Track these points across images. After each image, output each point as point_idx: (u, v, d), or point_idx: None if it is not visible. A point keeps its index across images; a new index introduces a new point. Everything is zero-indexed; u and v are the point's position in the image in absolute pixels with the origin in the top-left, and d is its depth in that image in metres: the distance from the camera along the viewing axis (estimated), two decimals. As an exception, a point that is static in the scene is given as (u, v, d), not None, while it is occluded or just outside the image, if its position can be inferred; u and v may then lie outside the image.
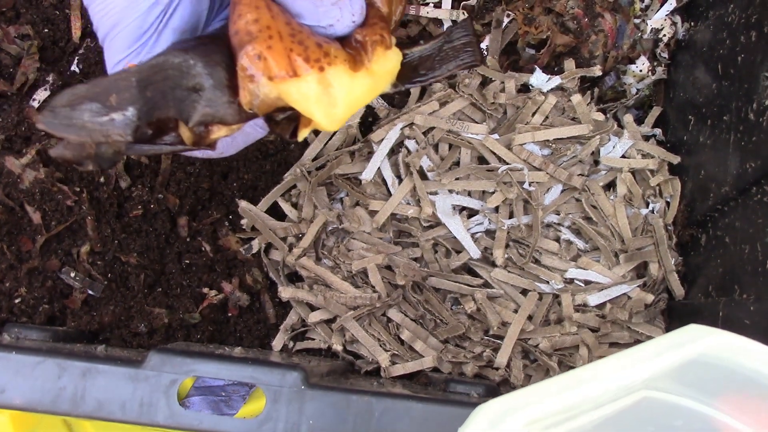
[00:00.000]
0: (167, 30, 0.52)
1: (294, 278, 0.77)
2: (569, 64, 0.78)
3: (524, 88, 0.80)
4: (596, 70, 0.78)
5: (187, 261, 0.75)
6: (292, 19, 0.50)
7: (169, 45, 0.52)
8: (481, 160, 0.77)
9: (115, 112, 0.46)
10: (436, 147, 0.77)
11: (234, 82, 0.49)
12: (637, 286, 0.73)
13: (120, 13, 0.52)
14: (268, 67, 0.48)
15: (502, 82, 0.79)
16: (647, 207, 0.76)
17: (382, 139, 0.76)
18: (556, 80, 0.78)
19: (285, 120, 0.52)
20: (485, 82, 0.80)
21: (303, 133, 0.53)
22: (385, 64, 0.52)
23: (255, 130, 0.58)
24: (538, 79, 0.78)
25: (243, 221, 0.76)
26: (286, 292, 0.74)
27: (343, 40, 0.51)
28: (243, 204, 0.76)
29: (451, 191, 0.75)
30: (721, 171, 0.67)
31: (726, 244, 0.66)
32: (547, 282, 0.74)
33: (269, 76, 0.48)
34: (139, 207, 0.74)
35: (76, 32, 0.76)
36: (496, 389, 0.65)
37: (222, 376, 0.54)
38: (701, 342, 0.42)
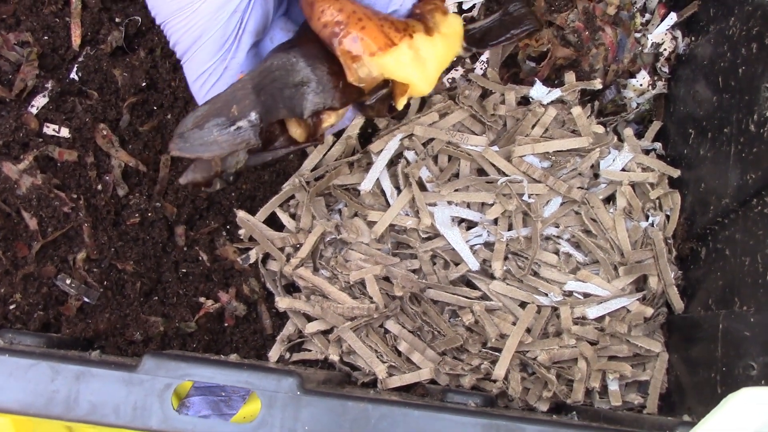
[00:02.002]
0: (245, 34, 0.56)
1: (291, 289, 0.77)
2: (569, 76, 0.78)
3: (524, 101, 0.79)
4: (596, 83, 0.78)
5: (184, 270, 0.75)
6: (366, 6, 0.55)
7: (248, 48, 0.56)
8: (481, 171, 0.77)
9: (239, 121, 0.51)
10: (435, 158, 0.77)
11: (334, 68, 0.54)
12: (637, 300, 0.73)
13: (203, 26, 0.55)
14: (367, 45, 0.53)
15: (502, 94, 0.79)
16: (647, 220, 0.76)
17: (382, 150, 0.76)
18: (557, 92, 0.78)
19: (377, 102, 0.57)
20: (485, 94, 0.79)
21: (401, 102, 0.58)
22: (451, 27, 0.58)
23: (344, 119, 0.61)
24: (538, 91, 0.78)
25: (240, 231, 0.76)
26: (282, 302, 0.73)
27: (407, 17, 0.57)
28: (241, 214, 0.76)
29: (450, 203, 0.75)
30: (722, 183, 0.67)
31: (726, 257, 0.65)
32: (546, 294, 0.73)
33: (370, 53, 0.53)
34: (137, 215, 0.73)
35: (76, 40, 0.76)
36: (493, 400, 0.64)
37: (217, 381, 0.53)
38: (765, 408, 0.41)
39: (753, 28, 0.64)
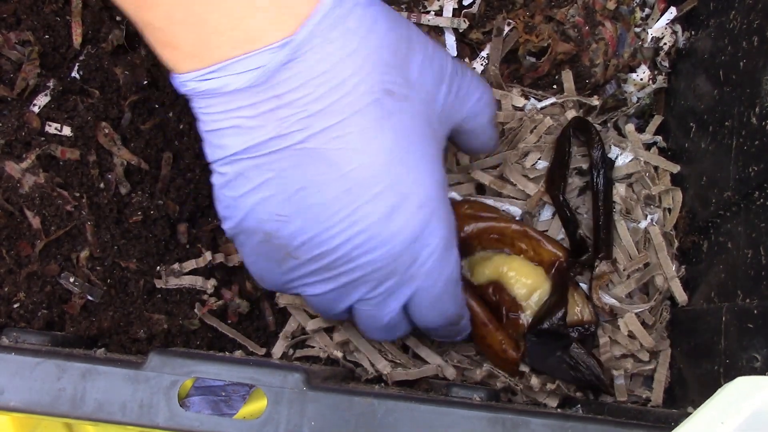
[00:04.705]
0: None
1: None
2: (567, 76, 0.78)
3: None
4: (594, 101, 0.77)
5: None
6: None
7: None
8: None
9: None
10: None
11: None
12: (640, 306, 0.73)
13: None
14: None
15: (499, 100, 0.78)
16: (646, 219, 0.76)
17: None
18: (551, 100, 0.77)
19: None
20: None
21: None
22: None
23: None
24: (533, 101, 0.78)
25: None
26: (282, 299, 0.74)
27: None
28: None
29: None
30: (723, 176, 0.67)
31: (728, 249, 0.65)
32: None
33: None
34: (139, 213, 0.73)
35: (77, 39, 0.76)
36: (497, 394, 0.64)
37: (223, 377, 0.54)
38: (757, 395, 0.41)
39: (754, 21, 0.65)
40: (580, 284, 0.72)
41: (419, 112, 0.57)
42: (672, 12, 0.80)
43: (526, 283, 0.71)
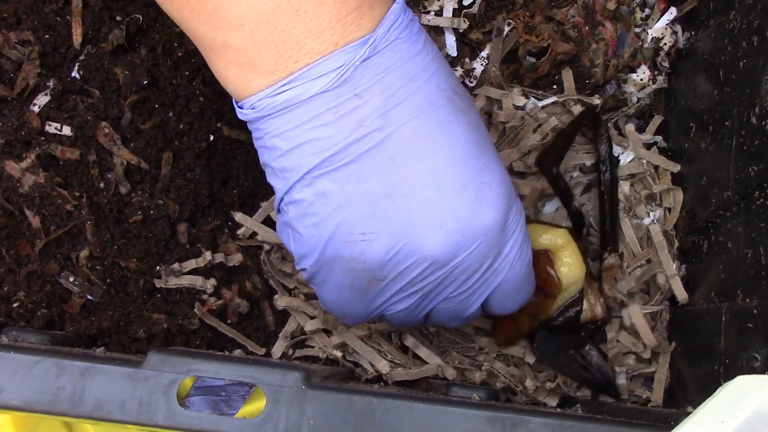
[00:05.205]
0: None
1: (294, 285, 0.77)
2: (567, 75, 0.78)
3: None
4: (595, 100, 0.77)
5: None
6: None
7: None
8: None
9: None
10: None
11: None
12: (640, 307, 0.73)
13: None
14: None
15: (499, 99, 0.78)
16: (648, 217, 0.76)
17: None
18: (552, 99, 0.77)
19: None
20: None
21: None
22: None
23: None
24: (533, 101, 0.78)
25: (240, 231, 0.75)
26: (281, 300, 0.74)
27: None
28: (238, 216, 0.75)
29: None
30: (723, 176, 0.67)
31: (728, 249, 0.65)
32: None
33: None
34: (139, 213, 0.73)
35: (77, 39, 0.76)
36: (497, 394, 0.64)
37: (222, 376, 0.54)
38: (757, 394, 0.42)
39: (754, 21, 0.65)
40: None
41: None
42: (672, 12, 0.79)
43: (573, 270, 0.70)
